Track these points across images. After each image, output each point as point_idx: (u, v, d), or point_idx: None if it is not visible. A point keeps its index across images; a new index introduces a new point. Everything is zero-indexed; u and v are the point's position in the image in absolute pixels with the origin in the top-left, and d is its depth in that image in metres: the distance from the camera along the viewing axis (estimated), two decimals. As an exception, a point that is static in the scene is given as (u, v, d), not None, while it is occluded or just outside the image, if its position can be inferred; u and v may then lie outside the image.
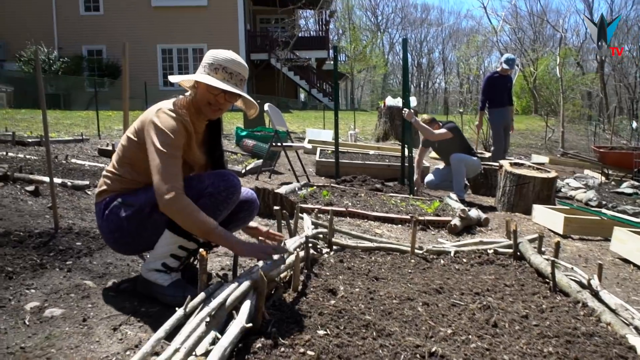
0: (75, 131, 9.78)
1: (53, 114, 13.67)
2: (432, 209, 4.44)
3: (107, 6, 21.52)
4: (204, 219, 1.85)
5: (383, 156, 8.12)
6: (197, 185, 1.96)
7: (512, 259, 2.79)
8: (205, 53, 2.07)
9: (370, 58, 32.35)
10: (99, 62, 21.29)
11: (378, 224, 3.93)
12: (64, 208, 3.48)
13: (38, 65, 2.89)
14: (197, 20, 21.37)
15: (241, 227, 2.30)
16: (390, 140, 11.54)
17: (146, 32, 21.26)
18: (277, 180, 6.20)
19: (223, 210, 2.00)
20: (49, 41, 20.75)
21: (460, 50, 21.29)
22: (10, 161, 5.01)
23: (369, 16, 49.39)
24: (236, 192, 2.02)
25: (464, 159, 5.38)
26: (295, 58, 24.45)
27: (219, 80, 1.97)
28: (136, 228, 1.99)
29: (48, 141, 2.98)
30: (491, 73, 7.41)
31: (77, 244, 2.65)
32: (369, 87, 51.82)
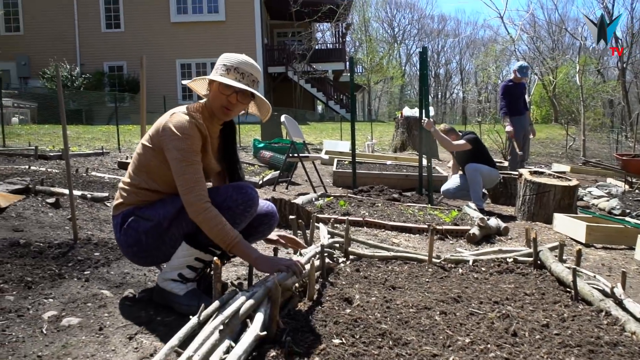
0: (96, 145, 9.95)
1: (75, 128, 13.94)
2: (450, 218, 4.39)
3: (127, 23, 21.98)
4: (228, 230, 1.88)
5: (400, 166, 8.08)
6: (216, 198, 1.96)
7: (532, 267, 2.74)
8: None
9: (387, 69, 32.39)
10: (120, 77, 21.70)
11: (395, 234, 3.90)
12: (83, 219, 3.52)
13: (59, 82, 2.95)
14: (215, 35, 21.69)
15: (260, 239, 2.30)
16: (408, 150, 11.49)
17: (165, 47, 21.64)
18: (294, 191, 6.21)
19: (241, 223, 2.01)
20: (71, 58, 21.24)
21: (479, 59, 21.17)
22: (33, 174, 5.11)
23: (386, 28, 49.57)
24: (254, 205, 2.02)
25: (479, 168, 5.31)
26: (312, 70, 24.61)
27: (232, 80, 1.98)
28: (154, 242, 1.99)
29: (68, 154, 3.03)
30: (506, 81, 7.36)
31: (96, 255, 2.68)
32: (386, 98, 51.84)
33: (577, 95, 18.96)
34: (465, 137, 5.50)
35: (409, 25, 50.61)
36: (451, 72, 53.03)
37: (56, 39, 21.52)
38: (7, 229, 3.05)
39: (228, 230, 1.88)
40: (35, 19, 21.68)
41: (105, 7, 22.04)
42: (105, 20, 22.10)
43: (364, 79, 28.90)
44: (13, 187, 3.92)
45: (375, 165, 8.16)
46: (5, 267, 2.33)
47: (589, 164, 11.31)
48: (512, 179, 5.97)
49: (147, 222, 1.98)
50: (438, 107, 48.34)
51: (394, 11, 50.10)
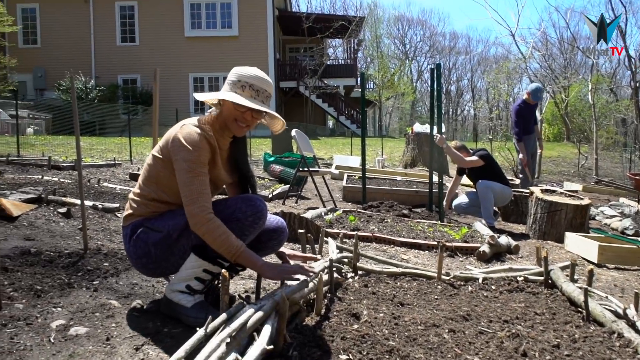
0: (109, 156, 10.05)
1: (88, 140, 14.10)
2: (460, 235, 4.36)
3: (142, 37, 22.34)
4: (232, 241, 1.88)
5: (411, 182, 8.06)
6: (224, 210, 1.97)
7: (543, 286, 2.70)
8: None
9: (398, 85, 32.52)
10: (134, 90, 22.00)
11: (404, 250, 3.88)
12: (94, 230, 3.55)
13: (74, 94, 3.00)
14: (228, 49, 21.95)
15: (269, 254, 2.30)
16: (418, 166, 11.47)
17: (179, 61, 21.94)
18: (303, 205, 6.21)
19: (249, 235, 2.01)
20: (86, 71, 21.59)
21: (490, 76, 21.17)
22: (45, 184, 5.17)
23: (397, 44, 49.88)
24: (262, 217, 2.02)
25: (491, 185, 5.28)
26: (324, 86, 24.77)
27: (246, 98, 1.99)
28: (163, 253, 2.00)
29: (80, 165, 3.07)
30: (518, 103, 7.27)
31: (105, 265, 2.69)
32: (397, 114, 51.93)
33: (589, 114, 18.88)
34: (477, 153, 5.48)
35: (420, 42, 50.89)
36: (462, 89, 53.12)
37: (72, 52, 21.91)
38: (19, 237, 3.07)
39: (232, 240, 1.88)
40: (52, 32, 22.10)
41: (121, 21, 22.44)
42: (120, 34, 22.47)
43: (375, 94, 29.03)
44: (26, 197, 3.96)
45: (385, 180, 8.14)
46: (15, 275, 2.35)
47: (602, 183, 11.20)
48: (523, 196, 5.92)
49: (157, 233, 1.99)
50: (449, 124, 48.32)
51: (405, 28, 50.47)
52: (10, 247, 2.82)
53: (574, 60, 33.78)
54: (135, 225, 2.04)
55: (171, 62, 21.61)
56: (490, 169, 5.41)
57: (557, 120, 27.01)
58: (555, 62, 30.90)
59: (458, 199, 5.80)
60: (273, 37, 22.54)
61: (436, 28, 52.98)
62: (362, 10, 42.01)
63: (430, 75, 5.93)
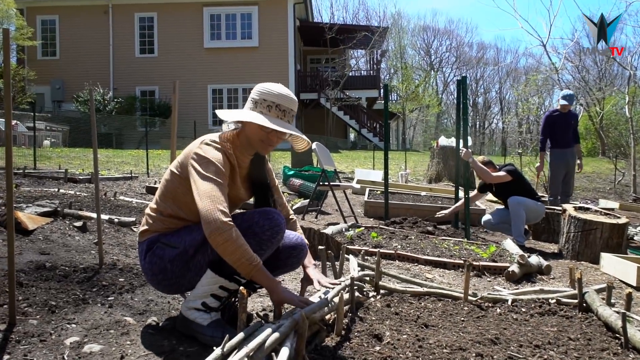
0: (125, 169, 10.21)
1: (105, 152, 14.37)
2: (488, 254, 4.30)
3: (161, 48, 22.76)
4: (249, 254, 1.84)
5: (435, 198, 8.01)
6: (241, 224, 1.98)
7: (577, 310, 2.64)
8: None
9: (423, 97, 32.43)
10: (151, 102, 22.38)
11: (429, 269, 3.84)
12: (109, 244, 3.60)
13: (92, 106, 3.07)
14: (248, 60, 22.22)
15: (288, 272, 2.30)
16: (444, 181, 11.39)
17: (198, 72, 22.28)
18: (323, 220, 6.21)
19: (267, 249, 2.01)
20: (104, 82, 22.08)
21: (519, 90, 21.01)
22: (61, 197, 5.27)
23: (422, 55, 49.92)
24: (280, 232, 2.03)
25: (523, 202, 5.21)
26: (345, 97, 24.86)
27: (273, 119, 2.02)
28: (180, 270, 2.02)
29: (97, 179, 3.13)
30: (550, 111, 7.19)
31: (120, 280, 2.72)
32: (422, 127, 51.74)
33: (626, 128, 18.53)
34: (505, 168, 5.43)
35: (446, 52, 50.83)
36: (490, 101, 52.77)
37: (91, 63, 22.43)
38: (34, 251, 3.14)
39: (251, 254, 1.85)
40: (71, 43, 22.68)
41: (140, 32, 22.92)
42: (139, 46, 22.93)
43: (399, 106, 28.99)
44: (42, 210, 4.05)
45: (408, 196, 8.11)
46: (30, 290, 2.40)
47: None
48: (555, 214, 5.83)
49: (173, 249, 2.01)
50: (476, 137, 47.98)
51: (431, 38, 50.52)
52: (25, 261, 2.88)
53: (610, 71, 33.33)
54: (151, 241, 2.06)
55: (190, 74, 21.96)
56: (519, 185, 5.34)
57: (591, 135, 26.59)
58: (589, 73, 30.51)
59: (486, 215, 5.74)
60: (294, 47, 22.76)
61: (463, 38, 52.79)
62: (386, 21, 42.31)
63: (457, 88, 5.91)
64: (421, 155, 22.99)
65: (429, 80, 43.91)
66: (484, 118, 52.65)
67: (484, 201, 8.67)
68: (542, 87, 23.98)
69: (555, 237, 5.65)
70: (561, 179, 6.96)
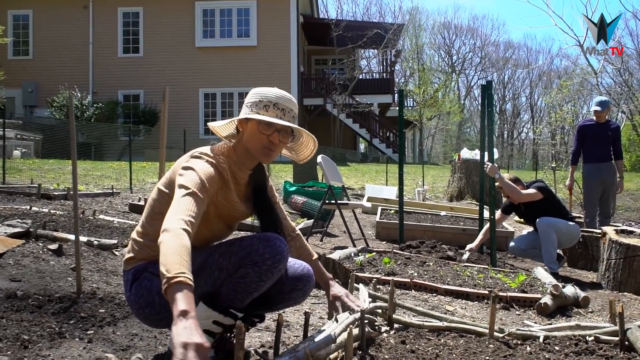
0: (106, 184, 10.29)
1: (83, 164, 14.47)
2: (517, 283, 4.30)
3: (147, 47, 22.94)
4: (173, 263, 1.62)
5: (457, 218, 8.02)
6: (239, 251, 2.00)
7: (618, 349, 2.65)
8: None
9: (442, 103, 32.59)
10: (135, 107, 22.52)
11: (449, 300, 3.85)
12: (88, 270, 3.63)
13: (71, 112, 3.12)
14: (245, 61, 22.38)
15: (291, 307, 2.31)
16: (466, 199, 11.40)
17: (188, 74, 22.43)
18: (329, 243, 6.23)
19: (267, 280, 2.02)
20: (83, 85, 22.23)
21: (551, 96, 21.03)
22: (34, 216, 5.32)
23: (442, 56, 50.21)
24: (282, 260, 2.04)
25: (554, 223, 5.21)
26: (355, 103, 24.98)
27: (273, 118, 2.05)
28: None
29: (76, 195, 3.17)
30: (584, 120, 7.21)
31: (101, 311, 2.75)
32: (442, 137, 51.87)
33: (675, 138, 18.51)
34: (534, 185, 5.44)
35: (470, 52, 51.13)
36: (520, 107, 52.91)
37: (68, 64, 22.63)
38: (4, 278, 3.17)
39: (173, 263, 1.62)
40: (46, 41, 22.91)
41: (123, 29, 23.13)
42: (122, 44, 23.13)
43: (416, 114, 29.12)
44: (12, 230, 4.09)
45: (426, 216, 8.12)
46: (0, 322, 2.43)
47: (691, 223, 10.92)
48: (593, 238, 5.82)
49: None
50: (503, 149, 47.98)
51: (452, 37, 50.88)
52: (-6, 288, 2.91)
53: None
54: (137, 271, 2.08)
55: (179, 76, 22.13)
56: (550, 204, 5.35)
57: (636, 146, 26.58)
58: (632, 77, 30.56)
59: (514, 240, 5.74)
60: (297, 47, 22.94)
61: (489, 37, 53.08)
62: (402, 17, 42.62)
63: (481, 92, 5.96)
64: (441, 169, 23.02)
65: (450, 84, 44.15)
66: (512, 127, 52.74)
67: (512, 222, 8.67)
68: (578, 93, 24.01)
69: (594, 265, 5.64)
70: (597, 197, 6.88)
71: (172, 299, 1.58)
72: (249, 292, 2.02)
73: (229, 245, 2.04)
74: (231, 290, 2.02)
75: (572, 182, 7.42)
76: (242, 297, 2.03)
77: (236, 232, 5.18)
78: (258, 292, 2.02)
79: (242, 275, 1.97)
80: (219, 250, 2.08)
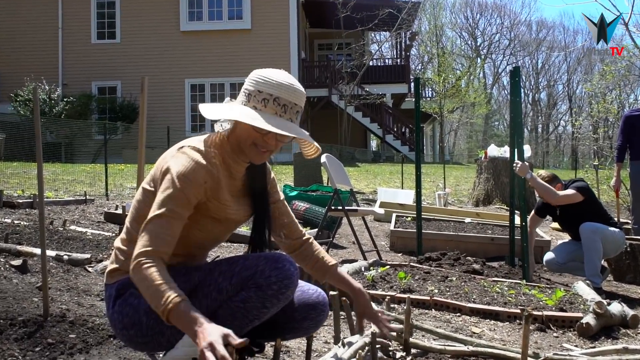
0: (78, 189, 10.31)
1: (51, 167, 14.49)
2: (554, 300, 4.28)
3: (125, 32, 22.90)
4: (161, 292, 1.77)
5: (484, 225, 7.99)
6: (242, 272, 1.99)
7: (673, 375, 2.63)
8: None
9: (466, 93, 32.52)
10: (112, 102, 22.51)
11: (476, 320, 3.83)
12: (57, 289, 3.62)
13: (37, 107, 3.12)
14: (238, 47, 22.34)
15: (302, 337, 2.30)
16: (495, 204, 11.37)
17: (173, 63, 22.40)
18: (336, 256, 6.21)
19: (270, 308, 2.00)
20: (51, 77, 22.17)
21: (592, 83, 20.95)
22: (-5, 227, 5.33)
23: (465, 38, 50.18)
24: (291, 286, 2.02)
25: (600, 230, 5.18)
26: (365, 94, 24.90)
27: (269, 117, 1.98)
28: (157, 324, 1.98)
29: (42, 203, 3.16)
30: (631, 110, 7.16)
31: (71, 337, 2.74)
32: (465, 132, 51.84)
33: None
34: (573, 185, 5.39)
35: (497, 34, 51.09)
36: (556, 97, 52.80)
37: (34, 52, 22.62)
38: (-40, 298, 3.17)
39: (162, 292, 1.76)
40: (9, 27, 22.90)
41: (97, 11, 23.11)
42: (96, 29, 23.12)
43: (435, 105, 29.07)
44: (-30, 244, 4.09)
45: (448, 223, 8.09)
46: (-46, 349, 2.42)
47: None
48: (643, 247, 5.80)
49: None
50: (537, 145, 47.93)
51: (476, 16, 50.88)
52: (-52, 311, 2.91)
53: None
54: (122, 285, 2.06)
55: (162, 65, 22.13)
56: (591, 207, 5.31)
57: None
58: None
59: (549, 253, 5.71)
60: (297, 30, 22.93)
61: (519, 16, 53.06)
62: (417, -7, 42.57)
63: (510, 80, 5.95)
64: (465, 169, 22.99)
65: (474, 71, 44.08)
66: (547, 119, 52.64)
67: (548, 229, 8.64)
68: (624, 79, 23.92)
69: (644, 278, 5.62)
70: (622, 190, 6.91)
71: (182, 320, 1.74)
72: (249, 319, 2.00)
73: (231, 264, 2.02)
74: (228, 315, 1.99)
75: (619, 183, 7.29)
76: (241, 324, 1.99)
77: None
78: (259, 320, 2.00)
79: (243, 300, 1.95)
80: (219, 268, 2.06)
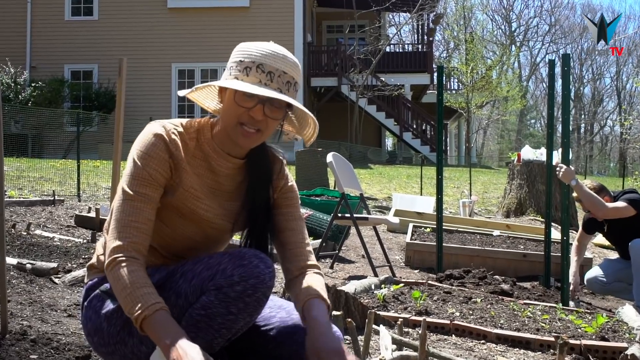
0: (46, 188, 10.31)
1: (15, 162, 14.51)
2: (595, 327, 4.27)
3: (103, 8, 22.94)
4: (136, 297, 1.81)
5: (515, 239, 7.97)
6: (202, 272, 1.94)
7: None
8: None
9: (498, 86, 32.47)
10: (87, 88, 22.51)
11: (503, 349, 3.83)
12: (17, 302, 3.63)
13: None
14: (233, 27, 22.27)
15: None
16: (528, 214, 11.34)
17: (157, 45, 22.43)
18: (342, 271, 6.21)
19: (238, 314, 1.92)
20: (18, 58, 22.19)
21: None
22: (-51, 230, 5.34)
23: (498, 22, 50.14)
24: (260, 287, 1.92)
25: (654, 248, 5.18)
26: (380, 85, 24.84)
27: (254, 85, 1.91)
28: (118, 332, 2.00)
29: (2, 204, 3.16)
30: None
31: (32, 358, 2.74)
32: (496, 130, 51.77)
33: None
34: (624, 197, 5.39)
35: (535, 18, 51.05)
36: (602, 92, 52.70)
37: (-2, 29, 22.72)
38: None
39: (137, 297, 1.81)
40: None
41: (72, -16, 23.20)
42: (71, 4, 23.17)
43: (462, 99, 29.04)
44: None
45: (474, 236, 8.08)
46: None
47: None
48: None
49: (113, 301, 1.98)
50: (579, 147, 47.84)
51: (511, -2, 50.76)
52: None
53: None
54: (90, 286, 2.09)
55: (146, 46, 22.16)
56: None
57: None
58: None
59: (592, 271, 5.70)
60: (302, 9, 22.93)
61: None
62: (443, -31, 42.64)
63: (548, 72, 5.94)
64: (494, 174, 22.97)
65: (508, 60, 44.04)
66: (592, 118, 52.54)
67: (590, 245, 8.61)
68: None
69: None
70: None
71: (152, 331, 1.79)
72: (215, 329, 1.92)
73: (194, 263, 1.99)
74: (192, 326, 1.91)
75: None
76: (206, 337, 1.92)
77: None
78: (229, 331, 1.93)
79: (203, 306, 1.89)
80: (183, 268, 2.03)
